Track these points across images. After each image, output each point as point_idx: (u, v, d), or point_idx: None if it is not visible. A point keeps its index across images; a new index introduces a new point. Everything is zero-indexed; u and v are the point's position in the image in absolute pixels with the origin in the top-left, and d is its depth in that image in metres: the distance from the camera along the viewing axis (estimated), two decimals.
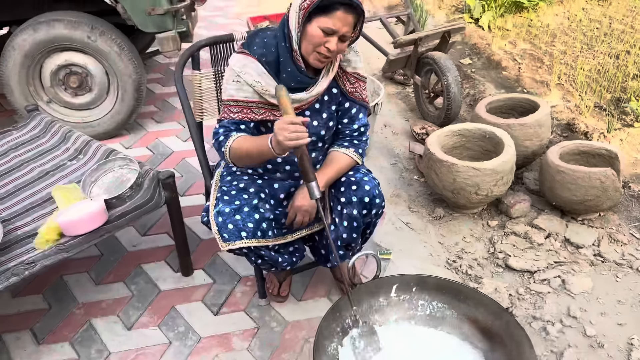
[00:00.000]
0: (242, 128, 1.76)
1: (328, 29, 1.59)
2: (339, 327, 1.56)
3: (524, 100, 2.92)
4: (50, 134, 2.52)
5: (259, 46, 1.72)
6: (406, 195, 2.84)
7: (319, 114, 1.82)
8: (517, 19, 4.99)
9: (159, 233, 2.62)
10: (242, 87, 1.72)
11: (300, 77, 1.71)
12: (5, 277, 1.71)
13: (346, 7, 1.57)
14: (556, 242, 2.45)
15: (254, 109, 1.74)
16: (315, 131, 1.83)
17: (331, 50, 1.62)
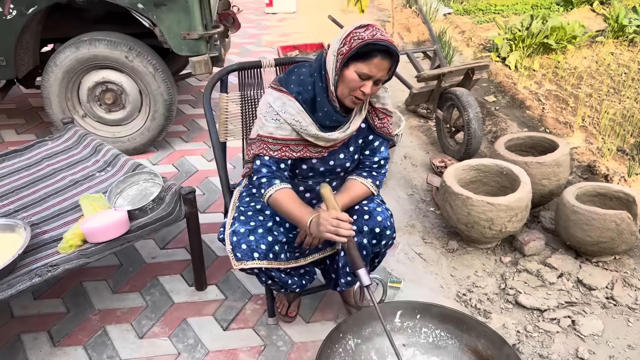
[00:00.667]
0: (282, 167, 1.81)
1: (365, 74, 1.64)
2: (341, 347, 1.59)
3: (544, 140, 2.95)
4: (83, 146, 2.65)
5: (296, 84, 1.78)
6: (421, 227, 2.87)
7: (346, 147, 1.89)
8: (545, 60, 5.03)
9: (177, 247, 2.70)
10: (281, 126, 1.76)
11: (336, 116, 1.77)
12: (29, 277, 1.80)
13: (383, 54, 1.62)
14: (568, 282, 2.44)
15: (292, 146, 1.80)
16: (342, 163, 1.90)
17: (366, 93, 1.68)
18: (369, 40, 1.60)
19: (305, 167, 1.87)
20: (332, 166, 1.88)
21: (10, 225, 2.01)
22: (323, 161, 1.87)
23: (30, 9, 3.00)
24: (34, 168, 2.53)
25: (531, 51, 4.98)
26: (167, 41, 3.16)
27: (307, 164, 1.87)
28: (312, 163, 1.86)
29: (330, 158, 1.87)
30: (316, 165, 1.87)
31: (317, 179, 1.92)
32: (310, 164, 1.87)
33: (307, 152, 1.81)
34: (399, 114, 3.19)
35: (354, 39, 1.62)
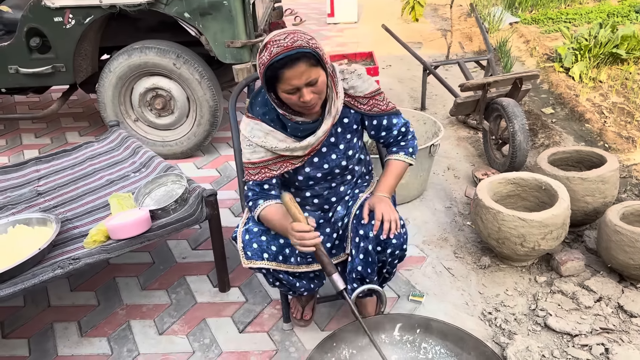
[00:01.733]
0: (266, 187, 1.85)
1: (290, 90, 1.62)
2: (334, 357, 1.57)
3: (592, 154, 2.77)
4: (124, 148, 2.79)
5: (261, 105, 1.80)
6: (454, 240, 2.77)
7: (335, 146, 1.87)
8: (614, 71, 4.72)
9: (208, 249, 2.76)
10: (255, 150, 1.81)
11: (303, 126, 1.76)
12: (52, 268, 1.91)
13: (290, 64, 1.56)
14: (607, 307, 2.27)
15: (270, 167, 1.83)
16: (336, 163, 1.88)
17: (308, 100, 1.63)
18: (268, 62, 1.57)
19: (301, 178, 1.88)
20: (327, 169, 1.87)
21: (43, 219, 2.15)
22: (316, 167, 1.86)
23: (87, 18, 3.20)
24: (78, 167, 2.69)
25: (598, 61, 4.69)
26: (212, 49, 3.26)
27: (302, 174, 1.87)
28: (306, 172, 1.86)
29: (322, 162, 1.85)
30: (312, 173, 1.86)
31: (322, 184, 1.92)
32: (306, 174, 1.87)
33: (288, 166, 1.82)
34: (440, 124, 3.11)
35: (260, 66, 1.62)
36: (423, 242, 2.77)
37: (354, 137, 1.91)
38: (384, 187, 1.92)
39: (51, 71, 3.41)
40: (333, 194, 1.98)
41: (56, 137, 4.17)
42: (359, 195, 1.99)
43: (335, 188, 1.97)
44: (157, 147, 3.59)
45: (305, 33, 1.63)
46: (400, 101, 4.57)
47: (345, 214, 1.95)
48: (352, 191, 2.01)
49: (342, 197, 2.00)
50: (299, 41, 1.57)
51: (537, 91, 4.49)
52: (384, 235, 1.77)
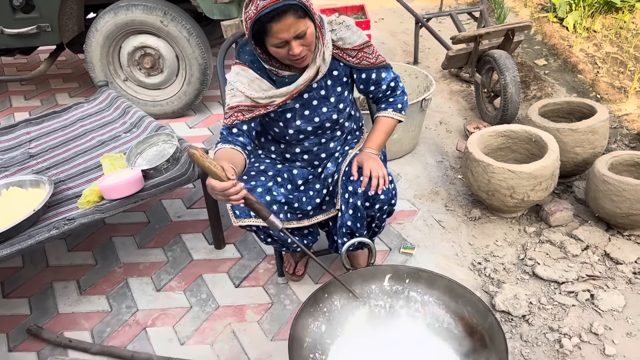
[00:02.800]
0: (234, 132, 1.79)
1: (279, 43, 1.59)
2: (326, 307, 1.62)
3: (583, 105, 2.77)
4: (114, 108, 2.78)
5: (249, 53, 1.77)
6: (445, 194, 2.80)
7: (326, 99, 1.86)
8: (609, 20, 4.66)
9: (202, 207, 2.79)
10: (235, 94, 1.78)
11: (289, 78, 1.75)
12: (48, 229, 1.94)
13: (277, 17, 1.54)
14: (594, 255, 2.32)
15: (244, 111, 1.79)
16: (328, 116, 1.88)
17: (297, 53, 1.62)
18: (255, 16, 1.54)
19: (292, 131, 1.88)
20: (318, 123, 1.87)
21: (36, 181, 2.17)
22: (307, 120, 1.86)
23: None
24: (69, 128, 2.68)
25: (593, 11, 4.63)
26: (200, 5, 3.20)
27: (292, 127, 1.87)
28: (297, 125, 1.86)
29: (313, 115, 1.85)
30: (302, 127, 1.87)
31: (312, 139, 1.92)
32: (296, 127, 1.87)
33: (260, 111, 1.79)
34: (431, 78, 3.10)
35: (247, 21, 1.59)
36: (414, 196, 2.80)
37: (345, 90, 1.91)
38: (372, 143, 1.92)
39: (36, 31, 3.35)
40: (323, 150, 1.99)
41: (46, 98, 4.13)
42: (349, 151, 2.00)
43: (325, 144, 1.98)
44: (148, 107, 3.57)
45: None
46: (393, 55, 4.52)
47: (335, 170, 1.97)
48: (342, 147, 2.02)
49: (332, 154, 2.01)
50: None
51: (530, 42, 4.45)
52: (371, 192, 1.79)
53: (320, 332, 1.59)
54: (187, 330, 2.12)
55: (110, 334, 2.12)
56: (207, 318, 2.16)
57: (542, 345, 1.97)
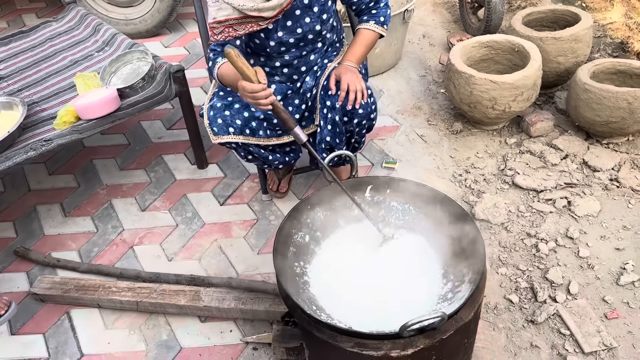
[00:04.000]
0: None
1: None
2: (309, 219, 1.64)
3: (568, 13, 2.71)
4: (84, 26, 2.66)
5: None
6: (428, 108, 2.79)
7: (309, 9, 1.80)
8: None
9: (182, 128, 2.75)
10: (221, 7, 1.69)
11: None
12: (24, 150, 1.91)
13: None
14: (572, 163, 2.36)
15: (235, 26, 1.72)
16: (310, 27, 1.82)
17: None
18: None
19: (273, 43, 1.82)
20: (301, 34, 1.81)
21: (9, 103, 2.11)
22: (290, 31, 1.80)
23: None
24: (38, 49, 2.58)
25: None
26: None
27: (274, 39, 1.81)
28: (279, 37, 1.80)
29: (296, 26, 1.80)
30: (284, 38, 1.81)
31: (293, 52, 1.87)
32: (278, 39, 1.81)
33: (253, 27, 1.73)
34: None
35: None
36: (397, 112, 2.78)
37: (329, 0, 1.84)
38: (351, 55, 1.88)
39: None
40: (303, 63, 1.94)
41: (12, 20, 3.94)
42: (327, 65, 1.95)
43: (305, 56, 1.93)
44: (121, 26, 3.42)
45: None
46: None
47: (313, 84, 1.93)
48: (322, 61, 1.97)
49: (312, 67, 1.96)
50: None
51: None
52: (349, 106, 1.77)
53: (304, 242, 1.62)
54: (174, 247, 2.15)
55: (97, 254, 2.15)
56: (193, 235, 2.19)
57: (519, 250, 2.04)
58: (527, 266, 1.98)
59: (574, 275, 1.93)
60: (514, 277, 1.95)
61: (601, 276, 1.93)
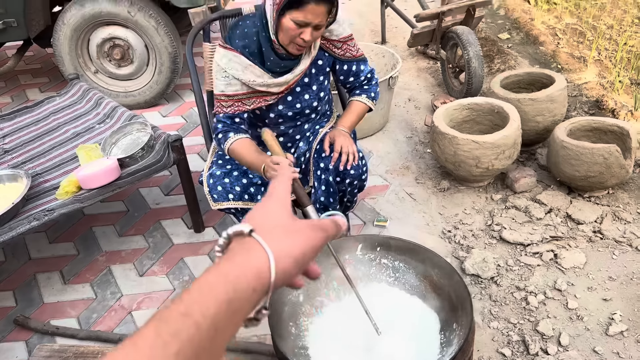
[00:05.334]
0: (237, 121, 1.89)
1: (301, 21, 1.67)
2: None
3: (543, 76, 2.88)
4: (86, 100, 2.80)
5: (240, 38, 1.83)
6: (415, 168, 2.90)
7: (309, 87, 1.95)
8: None
9: (180, 193, 2.84)
10: (230, 82, 1.83)
11: (284, 62, 1.83)
12: (28, 220, 1.98)
13: (317, 0, 1.64)
14: (557, 217, 2.45)
15: (244, 101, 1.86)
16: (308, 103, 1.97)
17: (307, 40, 1.71)
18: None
19: (272, 115, 1.95)
20: (299, 109, 1.95)
21: (13, 176, 2.20)
22: (289, 106, 1.94)
23: None
24: (42, 122, 2.70)
25: None
26: None
27: (274, 111, 1.94)
28: (278, 110, 1.94)
29: (295, 101, 1.93)
30: (283, 112, 1.94)
31: (289, 123, 2.00)
32: (277, 111, 1.94)
33: (261, 102, 1.87)
34: (397, 56, 3.18)
35: None
36: (386, 172, 2.89)
37: (325, 80, 2.01)
38: (344, 122, 2.02)
39: (2, 27, 3.33)
40: (297, 132, 2.07)
41: (16, 95, 4.11)
42: (319, 130, 2.08)
43: (300, 126, 2.05)
44: (120, 98, 3.58)
45: None
46: (361, 36, 4.59)
47: (307, 149, 2.05)
48: (314, 127, 2.10)
49: (305, 134, 2.09)
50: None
51: (494, 17, 4.55)
52: (341, 166, 1.88)
53: (298, 301, 1.67)
54: None
55: (96, 320, 2.18)
56: None
57: (510, 303, 2.09)
58: (518, 319, 2.03)
59: (564, 327, 1.97)
60: (506, 331, 1.99)
61: (591, 327, 1.97)
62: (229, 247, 0.57)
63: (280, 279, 0.54)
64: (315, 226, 0.60)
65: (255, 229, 0.56)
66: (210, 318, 0.48)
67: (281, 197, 0.64)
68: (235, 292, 0.50)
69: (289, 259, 0.55)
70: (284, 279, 0.55)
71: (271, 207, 0.62)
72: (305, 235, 0.58)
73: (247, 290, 0.52)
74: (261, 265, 0.53)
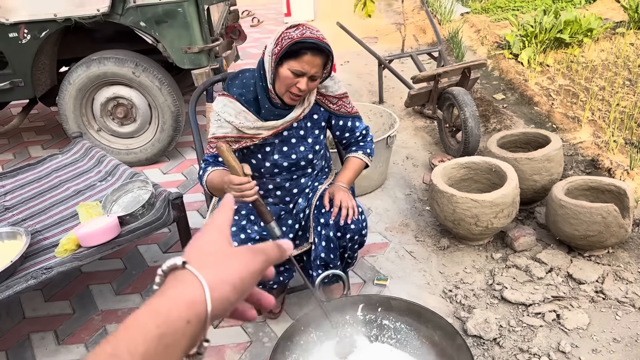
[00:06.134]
0: (220, 160, 1.94)
1: (298, 71, 1.75)
2: (302, 340, 1.67)
3: (539, 136, 2.94)
4: (88, 158, 2.83)
5: (238, 87, 1.92)
6: (415, 225, 2.91)
7: (304, 139, 1.99)
8: (560, 54, 4.95)
9: (178, 251, 2.83)
10: (222, 125, 1.91)
11: (278, 111, 1.89)
12: (25, 279, 1.96)
13: (313, 51, 1.73)
14: (558, 276, 2.43)
15: (230, 142, 1.92)
16: (303, 155, 2.00)
17: (302, 90, 1.79)
18: (298, 39, 1.71)
19: (268, 164, 1.98)
20: (294, 160, 1.99)
21: (13, 233, 2.20)
22: (285, 156, 1.97)
23: (42, 32, 3.23)
24: (44, 180, 2.72)
25: (545, 46, 4.91)
26: (170, 56, 3.32)
27: (270, 160, 1.97)
28: (274, 159, 1.97)
29: (291, 152, 1.97)
30: (279, 161, 1.97)
31: (284, 175, 2.02)
32: (273, 160, 1.97)
33: (246, 143, 1.92)
34: (395, 116, 3.25)
35: (284, 38, 1.73)
36: (386, 229, 2.90)
37: (321, 134, 2.06)
38: (343, 178, 2.05)
39: (9, 87, 3.41)
40: (295, 186, 2.09)
41: (18, 152, 4.16)
42: (318, 187, 2.10)
43: (296, 180, 2.08)
44: (122, 156, 3.63)
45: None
46: (359, 96, 4.70)
47: (306, 205, 2.07)
48: (312, 183, 2.12)
49: (303, 189, 2.11)
50: (327, 41, 1.76)
51: (488, 78, 4.68)
52: (341, 221, 1.89)
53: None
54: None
55: None
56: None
57: None
58: None
59: None
60: None
61: None
62: (164, 282, 0.55)
63: (218, 308, 0.53)
64: (254, 250, 0.59)
65: (190, 260, 0.55)
66: (140, 355, 0.46)
67: (218, 224, 0.63)
68: (167, 326, 0.49)
69: (226, 286, 0.54)
70: (223, 308, 0.54)
71: (207, 237, 0.61)
72: (243, 260, 0.57)
73: (180, 322, 0.50)
74: (195, 296, 0.52)
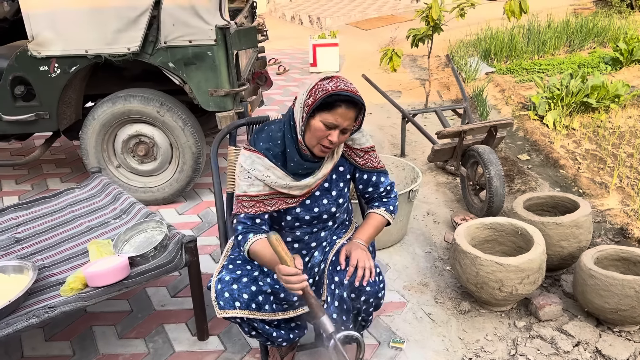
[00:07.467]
0: (258, 222, 1.86)
1: (330, 123, 1.71)
2: None
3: (566, 200, 2.84)
4: (105, 194, 2.79)
5: (265, 141, 1.86)
6: (434, 285, 2.79)
7: (328, 192, 1.92)
8: (586, 119, 4.89)
9: (187, 296, 2.73)
10: (253, 183, 1.84)
11: (307, 164, 1.83)
12: (26, 317, 1.88)
13: (348, 104, 1.69)
14: (585, 351, 2.28)
15: (265, 202, 1.86)
16: (326, 208, 1.93)
17: (333, 142, 1.74)
18: (333, 91, 1.66)
19: (289, 218, 1.90)
20: (317, 213, 1.91)
21: (20, 267, 2.13)
22: (307, 209, 1.90)
23: (72, 67, 3.26)
24: (57, 214, 2.68)
25: (571, 110, 4.86)
26: (196, 97, 3.33)
27: (291, 214, 1.89)
28: (296, 213, 1.89)
29: (313, 205, 1.89)
30: (301, 215, 1.90)
31: (305, 228, 1.94)
32: (295, 214, 1.89)
33: (282, 204, 1.85)
34: (418, 170, 3.18)
35: (318, 90, 1.68)
36: (404, 288, 2.78)
37: (346, 187, 1.99)
38: (362, 235, 1.96)
39: (35, 119, 3.43)
40: (313, 239, 2.00)
41: (37, 183, 4.16)
42: (336, 241, 2.02)
43: (316, 233, 2.00)
44: (139, 193, 3.59)
45: None
46: (381, 148, 4.66)
47: (322, 259, 1.98)
48: (330, 237, 2.04)
49: (321, 243, 2.02)
50: (360, 95, 1.73)
51: (513, 138, 4.62)
52: (356, 282, 1.79)
53: None
54: None
55: None
56: None
57: None
58: None
59: None
60: None
61: None
62: None
63: None
64: None
65: None
66: None
67: None
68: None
69: None
70: None
71: None
72: None
73: None
74: None
